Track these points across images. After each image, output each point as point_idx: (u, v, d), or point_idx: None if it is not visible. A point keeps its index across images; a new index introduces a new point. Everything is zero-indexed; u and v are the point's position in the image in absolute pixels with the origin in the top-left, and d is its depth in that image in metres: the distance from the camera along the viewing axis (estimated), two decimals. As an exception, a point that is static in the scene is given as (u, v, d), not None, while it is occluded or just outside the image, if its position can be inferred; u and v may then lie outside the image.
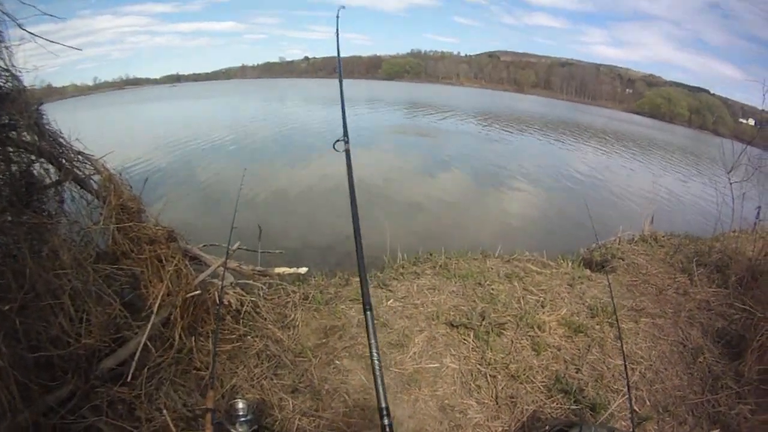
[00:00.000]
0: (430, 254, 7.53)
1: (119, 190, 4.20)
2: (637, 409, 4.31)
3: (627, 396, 3.94)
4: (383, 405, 1.83)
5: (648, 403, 4.42)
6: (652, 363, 4.96)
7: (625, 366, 3.35)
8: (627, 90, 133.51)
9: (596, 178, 20.09)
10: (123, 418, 3.64)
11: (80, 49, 3.92)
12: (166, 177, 16.05)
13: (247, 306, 5.14)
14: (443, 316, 5.49)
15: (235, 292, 5.15)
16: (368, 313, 2.17)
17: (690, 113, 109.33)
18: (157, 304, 4.18)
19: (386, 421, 1.81)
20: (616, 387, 4.55)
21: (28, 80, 3.67)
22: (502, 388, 4.45)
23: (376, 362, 1.99)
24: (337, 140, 3.13)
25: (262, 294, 5.58)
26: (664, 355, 5.15)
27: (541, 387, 4.49)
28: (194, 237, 5.97)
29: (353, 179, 2.78)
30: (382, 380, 1.92)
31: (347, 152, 3.03)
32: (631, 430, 3.01)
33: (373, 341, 2.09)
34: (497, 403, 4.31)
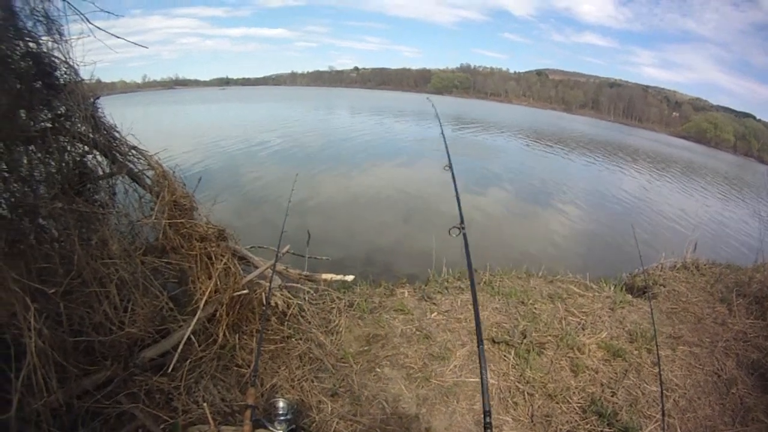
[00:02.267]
0: (475, 270, 7.29)
1: (173, 187, 4.21)
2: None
3: (659, 422, 3.79)
4: (487, 408, 1.88)
5: (679, 430, 4.24)
6: (686, 391, 4.78)
7: (662, 393, 3.21)
8: (674, 113, 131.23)
9: (641, 202, 19.51)
10: (159, 407, 3.63)
11: (146, 47, 3.95)
12: (218, 177, 16.13)
13: (293, 309, 5.11)
14: (485, 332, 5.36)
15: (282, 295, 5.12)
16: (481, 346, 2.19)
17: (735, 139, 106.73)
18: (204, 300, 4.17)
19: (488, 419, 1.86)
20: (649, 413, 4.38)
21: (85, 74, 3.71)
22: (539, 407, 4.32)
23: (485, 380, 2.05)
24: (453, 226, 3.16)
25: (307, 298, 5.56)
26: (698, 384, 4.96)
27: (577, 408, 4.36)
28: (243, 238, 5.97)
29: (471, 261, 2.85)
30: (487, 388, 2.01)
31: (464, 236, 3.04)
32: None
33: (484, 374, 2.10)
34: (532, 421, 4.18)
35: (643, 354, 5.26)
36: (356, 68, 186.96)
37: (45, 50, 3.33)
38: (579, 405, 4.39)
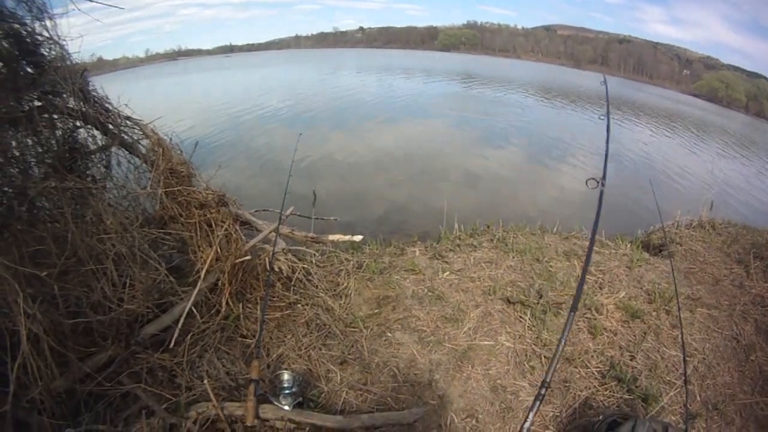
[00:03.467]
0: (488, 226, 7.45)
1: (168, 155, 4.23)
2: (689, 405, 4.11)
3: (680, 389, 3.88)
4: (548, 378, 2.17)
5: (699, 398, 4.26)
6: (705, 356, 4.79)
7: (684, 359, 3.21)
8: (684, 71, 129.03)
9: (655, 160, 19.33)
10: (162, 385, 3.68)
11: (123, 8, 3.88)
12: (220, 144, 16.30)
13: (299, 273, 5.11)
14: (500, 291, 5.39)
15: (286, 259, 5.12)
16: (572, 313, 2.42)
17: (747, 99, 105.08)
18: (204, 270, 4.20)
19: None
20: (669, 379, 4.39)
21: (74, 48, 3.70)
22: (556, 371, 4.29)
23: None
24: (591, 178, 3.05)
25: (314, 261, 5.59)
26: (717, 349, 4.95)
27: (596, 372, 4.37)
28: (247, 202, 6.01)
29: (599, 219, 2.89)
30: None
31: (600, 194, 2.96)
32: (683, 426, 2.87)
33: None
34: (550, 387, 4.18)
35: (661, 315, 5.27)
36: (361, 28, 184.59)
37: (28, 29, 3.32)
38: (598, 369, 4.40)
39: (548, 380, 1.94)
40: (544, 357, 4.47)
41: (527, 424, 2.09)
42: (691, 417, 3.98)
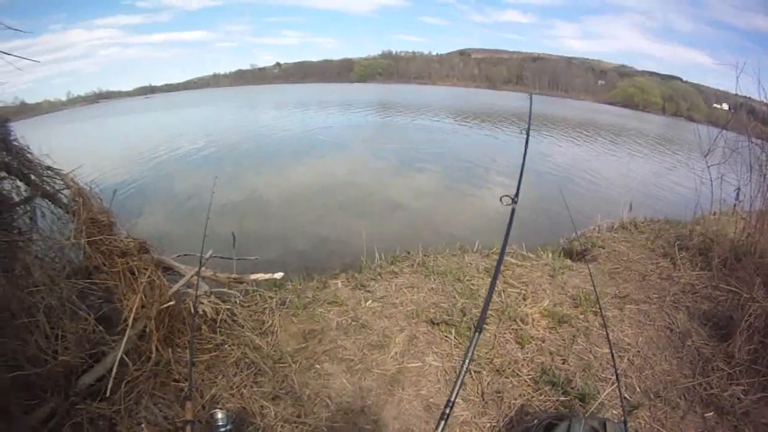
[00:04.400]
0: (408, 252, 7.67)
1: (89, 204, 4.28)
2: (628, 397, 4.43)
3: (616, 384, 4.05)
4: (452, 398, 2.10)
5: (638, 389, 4.53)
6: (639, 349, 5.09)
7: (612, 354, 3.43)
8: (599, 81, 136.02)
9: (573, 168, 20.27)
10: (105, 433, 3.71)
11: (38, 61, 3.97)
12: (140, 189, 16.16)
13: (224, 314, 5.21)
14: (423, 314, 5.63)
15: (210, 301, 5.22)
16: (477, 333, 2.39)
17: (663, 101, 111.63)
18: (131, 317, 4.26)
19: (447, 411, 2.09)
20: (604, 375, 4.66)
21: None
22: (488, 384, 4.56)
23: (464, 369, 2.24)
24: (505, 195, 3.18)
25: (238, 301, 5.70)
26: (651, 340, 5.29)
27: (528, 380, 4.61)
28: (169, 247, 6.05)
29: (509, 236, 2.99)
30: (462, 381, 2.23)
31: (513, 211, 3.10)
32: (622, 418, 3.12)
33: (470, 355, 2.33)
34: (483, 399, 4.41)
35: (589, 317, 5.62)
36: (278, 64, 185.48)
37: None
38: (530, 377, 4.64)
39: (453, 400, 2.09)
40: (474, 371, 4.68)
41: None
42: (633, 408, 4.24)
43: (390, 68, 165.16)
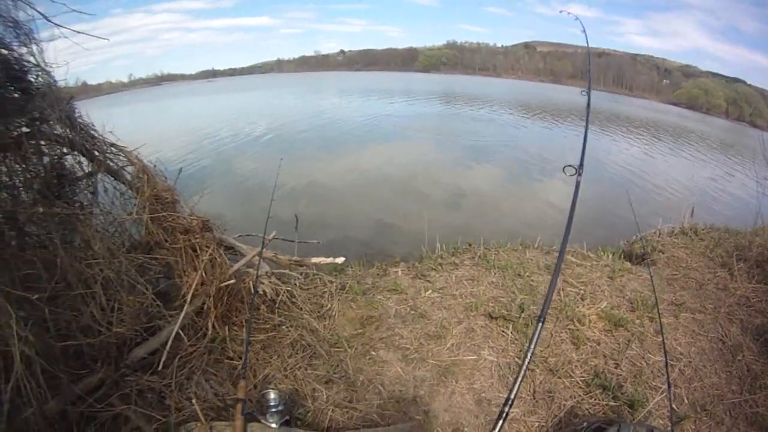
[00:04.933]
0: (469, 245, 7.55)
1: (153, 181, 4.32)
2: (676, 408, 4.24)
3: (666, 394, 3.89)
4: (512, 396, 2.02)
5: (686, 401, 4.34)
6: (691, 360, 4.88)
7: (666, 363, 3.27)
8: (664, 80, 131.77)
9: (636, 169, 19.60)
10: (152, 406, 3.73)
11: (107, 39, 4.02)
12: (204, 169, 16.53)
13: (283, 296, 5.21)
14: (482, 307, 5.50)
15: (270, 282, 5.23)
16: (539, 324, 2.29)
17: (727, 104, 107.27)
18: (190, 294, 4.29)
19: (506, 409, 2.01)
20: (655, 384, 4.47)
21: (60, 75, 3.81)
22: (540, 383, 4.42)
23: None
24: (568, 165, 3.02)
25: (298, 284, 5.68)
26: (703, 351, 5.06)
27: (580, 382, 4.45)
28: (230, 227, 6.09)
29: (575, 208, 2.80)
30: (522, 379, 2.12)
31: (577, 184, 2.93)
32: (669, 429, 2.95)
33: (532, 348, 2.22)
34: (534, 398, 4.27)
35: (645, 323, 5.39)
36: (342, 51, 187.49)
37: (16, 56, 3.43)
38: (582, 378, 4.48)
39: (512, 397, 1.97)
40: (528, 369, 4.56)
41: None
42: (680, 419, 4.07)
43: (454, 59, 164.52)
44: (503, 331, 5.11)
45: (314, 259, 6.40)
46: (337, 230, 10.11)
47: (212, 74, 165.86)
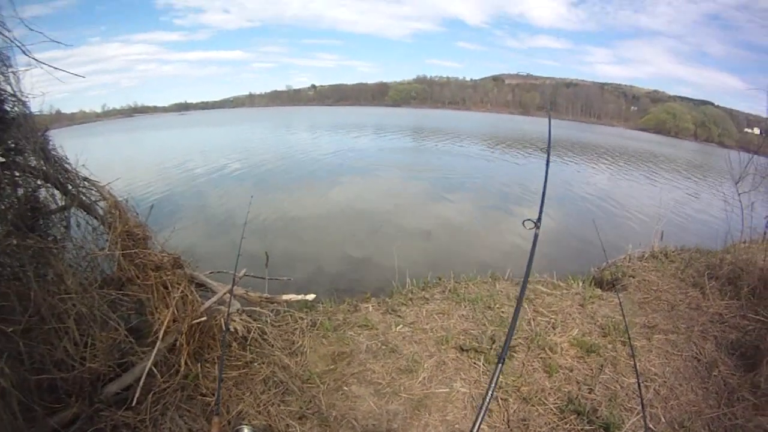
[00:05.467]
0: (439, 278, 7.58)
1: (125, 217, 4.30)
2: (653, 427, 4.28)
3: (641, 414, 3.93)
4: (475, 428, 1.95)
5: (663, 420, 4.37)
6: (666, 379, 4.93)
7: (639, 384, 3.31)
8: (632, 107, 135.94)
9: (604, 196, 19.95)
10: (127, 442, 3.66)
11: (83, 77, 4.06)
12: (175, 204, 16.26)
13: (254, 333, 5.15)
14: (453, 340, 5.51)
15: (241, 319, 5.18)
16: (500, 365, 2.25)
17: (695, 127, 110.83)
18: (162, 330, 4.24)
19: None
20: (630, 405, 4.51)
21: (35, 106, 3.80)
22: (514, 411, 4.42)
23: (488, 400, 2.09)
24: (527, 219, 3.10)
25: (269, 321, 5.64)
26: (678, 370, 5.12)
27: (554, 409, 4.46)
28: (201, 264, 6.05)
29: (533, 260, 2.88)
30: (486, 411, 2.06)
31: (535, 236, 2.98)
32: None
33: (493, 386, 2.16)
34: (509, 427, 4.27)
35: (617, 347, 5.45)
36: (313, 86, 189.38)
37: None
38: (556, 405, 4.50)
39: (476, 429, 2.02)
40: (501, 399, 4.56)
41: None
42: (658, 438, 4.11)
43: (424, 93, 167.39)
44: (475, 363, 5.12)
45: (285, 296, 6.36)
46: (308, 266, 10.01)
47: (185, 107, 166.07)
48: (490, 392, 2.12)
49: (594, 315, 6.24)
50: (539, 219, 3.09)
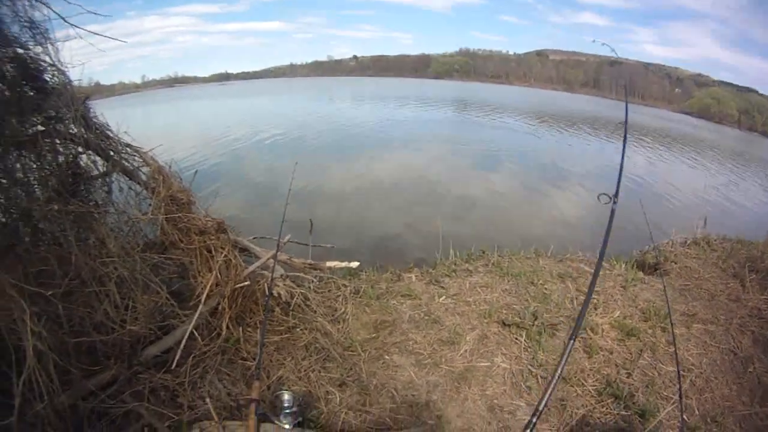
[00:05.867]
0: (483, 252, 7.50)
1: (168, 182, 4.30)
2: (686, 419, 4.16)
3: (677, 404, 3.85)
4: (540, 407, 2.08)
5: (697, 412, 4.27)
6: (702, 371, 4.81)
7: (678, 374, 3.20)
8: (676, 89, 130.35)
9: (649, 179, 19.42)
10: (165, 404, 3.71)
11: (125, 41, 4.04)
12: (218, 171, 16.53)
13: (298, 298, 5.17)
14: (495, 314, 5.44)
15: (285, 285, 5.19)
16: (571, 341, 2.40)
17: (739, 114, 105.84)
18: (205, 294, 4.27)
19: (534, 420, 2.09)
20: (666, 394, 4.41)
21: (75, 75, 3.81)
22: (553, 391, 4.34)
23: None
24: (603, 193, 3.12)
25: (312, 287, 5.66)
26: (714, 363, 4.98)
27: (592, 390, 4.38)
28: (245, 230, 6.09)
29: (609, 237, 2.95)
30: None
31: (612, 212, 3.01)
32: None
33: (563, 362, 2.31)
34: (547, 406, 4.18)
35: (657, 333, 5.29)
36: (355, 57, 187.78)
37: (32, 55, 3.42)
38: (594, 387, 4.42)
39: (541, 409, 1.96)
40: (540, 377, 4.51)
41: None
42: (690, 430, 4.00)
43: (467, 66, 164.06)
44: (516, 339, 5.06)
45: (329, 263, 6.38)
46: (351, 234, 10.11)
47: (225, 77, 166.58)
48: (560, 369, 2.07)
49: (635, 298, 6.09)
50: (616, 194, 3.11)
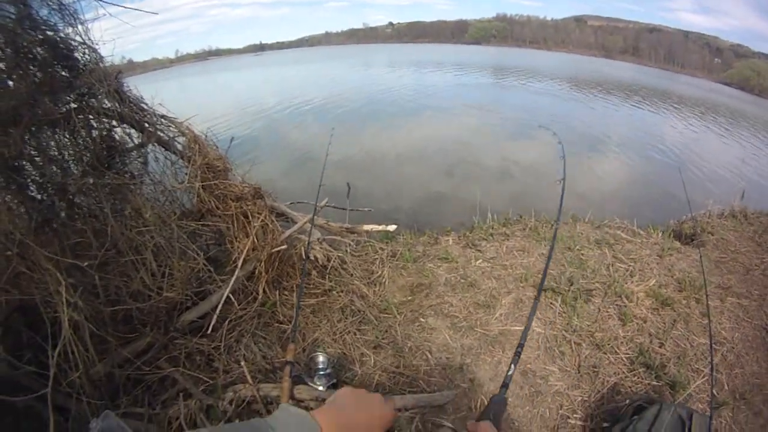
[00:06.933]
0: (520, 216, 7.46)
1: (204, 150, 4.32)
2: (716, 393, 4.09)
3: (708, 377, 3.82)
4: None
5: (726, 387, 4.19)
6: (734, 345, 4.70)
7: (711, 348, 3.16)
8: (715, 59, 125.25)
9: (688, 148, 18.84)
10: (200, 369, 3.81)
11: (156, 13, 4.01)
12: (254, 139, 16.61)
13: (334, 261, 5.21)
14: (532, 278, 5.41)
15: (322, 248, 5.23)
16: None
17: None
18: (242, 259, 4.33)
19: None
20: (697, 367, 4.33)
21: (106, 52, 3.82)
22: (586, 357, 4.32)
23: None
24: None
25: (349, 250, 5.69)
26: (746, 338, 4.86)
27: (624, 359, 4.34)
28: (282, 195, 6.10)
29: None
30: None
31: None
32: (708, 414, 2.84)
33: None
34: (579, 372, 4.18)
35: (691, 304, 5.21)
36: (391, 23, 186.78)
37: (62, 35, 3.44)
38: (627, 356, 4.37)
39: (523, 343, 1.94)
40: (574, 343, 4.47)
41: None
42: (718, 405, 3.93)
43: (504, 31, 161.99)
44: (552, 304, 5.02)
45: (366, 227, 6.38)
46: (388, 199, 10.08)
47: (260, 48, 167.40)
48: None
49: (671, 268, 5.98)
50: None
